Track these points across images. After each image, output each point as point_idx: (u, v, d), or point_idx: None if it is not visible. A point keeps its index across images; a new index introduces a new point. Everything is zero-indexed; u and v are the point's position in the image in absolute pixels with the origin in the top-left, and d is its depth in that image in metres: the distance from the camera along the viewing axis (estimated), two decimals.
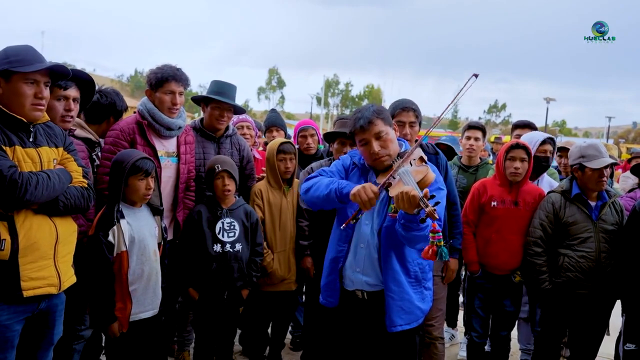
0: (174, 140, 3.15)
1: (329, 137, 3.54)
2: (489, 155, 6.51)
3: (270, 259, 3.35)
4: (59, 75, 2.25)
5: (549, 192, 3.31)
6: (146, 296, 2.66)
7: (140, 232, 2.63)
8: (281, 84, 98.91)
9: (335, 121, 3.80)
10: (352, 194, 2.22)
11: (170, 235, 3.10)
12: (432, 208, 1.93)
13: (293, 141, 3.82)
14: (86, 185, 2.30)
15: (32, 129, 2.14)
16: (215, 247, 3.05)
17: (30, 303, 2.11)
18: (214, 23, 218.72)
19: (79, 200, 2.23)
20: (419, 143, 2.42)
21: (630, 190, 4.04)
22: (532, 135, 3.70)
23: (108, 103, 3.04)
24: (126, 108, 3.20)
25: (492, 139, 9.95)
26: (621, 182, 5.26)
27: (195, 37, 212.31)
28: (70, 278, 2.25)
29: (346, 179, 2.49)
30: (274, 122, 4.68)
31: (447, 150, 4.62)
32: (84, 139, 2.83)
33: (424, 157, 2.34)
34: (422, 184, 2.14)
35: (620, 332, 3.32)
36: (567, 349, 3.78)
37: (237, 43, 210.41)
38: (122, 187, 2.59)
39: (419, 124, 3.09)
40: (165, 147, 3.09)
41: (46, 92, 2.15)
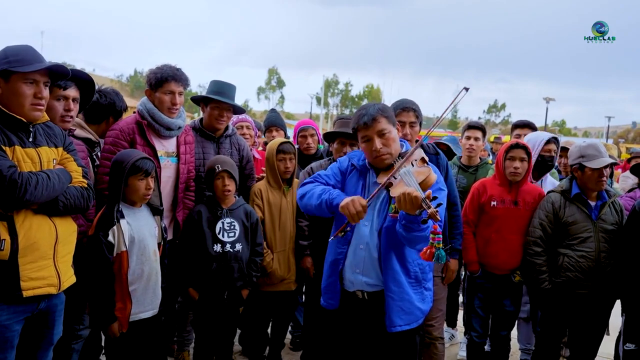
0: (173, 140, 3.15)
1: (328, 137, 3.54)
2: (489, 155, 6.52)
3: (269, 258, 3.35)
4: (59, 75, 2.25)
5: (548, 192, 3.31)
6: (146, 296, 2.66)
7: (140, 232, 2.63)
8: (281, 84, 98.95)
9: (335, 121, 3.80)
10: (341, 206, 2.23)
11: (170, 235, 3.10)
12: (434, 209, 1.93)
13: (293, 141, 3.82)
14: (86, 185, 2.30)
15: (31, 129, 2.14)
16: (215, 247, 3.05)
17: (30, 303, 2.11)
18: (214, 23, 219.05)
19: (78, 200, 2.23)
20: (419, 143, 2.42)
21: (630, 190, 4.04)
22: (537, 135, 3.71)
23: (108, 103, 3.04)
24: (126, 108, 3.20)
25: (492, 138, 9.93)
26: (621, 182, 5.26)
27: (195, 37, 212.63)
28: (69, 278, 2.25)
29: (344, 182, 2.50)
30: (273, 122, 4.69)
31: (447, 150, 4.62)
32: (84, 139, 2.83)
33: (426, 158, 2.34)
34: (424, 185, 2.13)
35: (620, 332, 3.32)
36: (567, 349, 3.78)
37: (236, 43, 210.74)
38: (122, 187, 2.58)
39: (420, 124, 3.09)
40: (164, 147, 3.09)
41: (46, 92, 2.14)
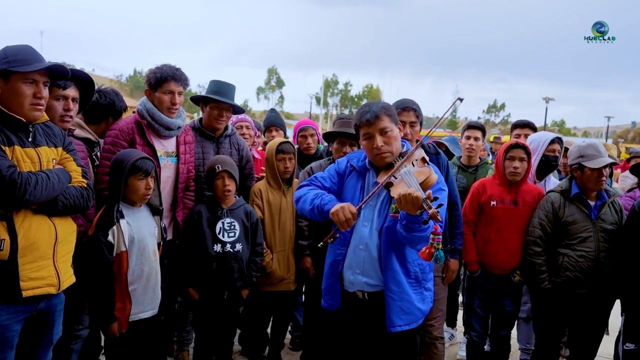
0: (173, 140, 3.15)
1: (328, 136, 3.53)
2: (488, 155, 6.52)
3: (269, 258, 3.35)
4: (58, 75, 2.25)
5: (548, 192, 3.32)
6: (146, 296, 2.65)
7: (139, 232, 2.62)
8: (280, 84, 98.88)
9: (335, 121, 3.80)
10: (331, 212, 2.24)
11: (169, 235, 3.10)
12: (435, 210, 1.92)
13: (293, 141, 3.82)
14: (85, 185, 2.30)
15: (31, 129, 2.13)
16: (215, 247, 3.05)
17: (30, 303, 2.11)
18: (213, 23, 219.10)
19: (78, 200, 2.23)
20: (420, 143, 2.42)
21: (630, 190, 4.04)
22: (541, 135, 3.71)
23: (107, 103, 3.04)
24: (125, 108, 3.20)
25: (492, 138, 9.92)
26: (620, 181, 5.26)
27: (194, 37, 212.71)
28: (69, 278, 2.25)
29: (341, 184, 2.50)
30: (273, 122, 4.69)
31: (445, 151, 4.61)
32: (84, 138, 2.83)
33: (426, 158, 2.33)
34: (424, 185, 2.13)
35: (619, 332, 3.32)
36: (567, 349, 3.78)
37: (236, 43, 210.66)
38: (122, 187, 2.58)
39: (420, 124, 3.08)
40: (164, 147, 3.09)
41: (45, 92, 2.14)
